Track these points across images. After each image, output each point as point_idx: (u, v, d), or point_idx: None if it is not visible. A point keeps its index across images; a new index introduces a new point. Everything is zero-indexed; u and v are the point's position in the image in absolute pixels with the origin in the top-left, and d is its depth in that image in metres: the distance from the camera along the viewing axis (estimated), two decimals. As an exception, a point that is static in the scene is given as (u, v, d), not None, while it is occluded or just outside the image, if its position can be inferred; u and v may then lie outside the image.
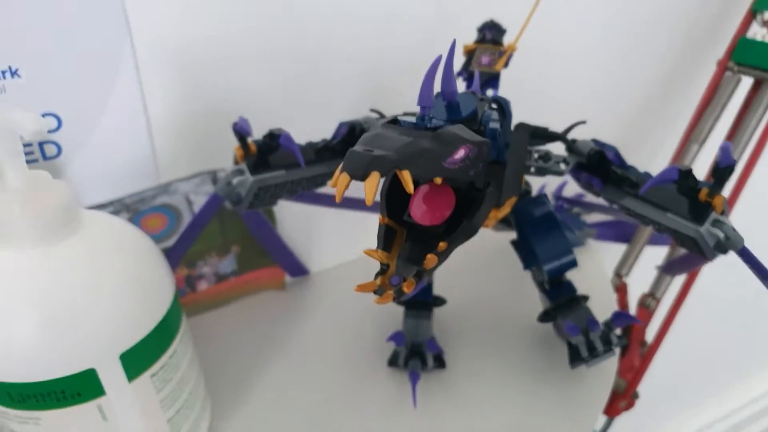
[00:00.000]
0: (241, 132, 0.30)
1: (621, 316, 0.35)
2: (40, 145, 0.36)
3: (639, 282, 0.53)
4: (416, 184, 0.22)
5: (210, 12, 0.36)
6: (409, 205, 0.24)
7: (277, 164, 0.33)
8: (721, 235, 0.28)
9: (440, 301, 0.41)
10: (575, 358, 0.36)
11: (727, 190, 0.49)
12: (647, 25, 0.53)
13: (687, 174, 0.28)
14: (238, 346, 0.43)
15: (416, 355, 0.39)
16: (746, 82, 0.50)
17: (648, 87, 0.57)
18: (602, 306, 0.44)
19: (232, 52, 0.38)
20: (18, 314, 0.26)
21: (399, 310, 0.40)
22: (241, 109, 0.40)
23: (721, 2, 0.55)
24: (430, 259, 0.22)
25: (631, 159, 0.41)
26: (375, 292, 0.23)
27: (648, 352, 0.52)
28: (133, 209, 0.40)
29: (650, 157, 0.61)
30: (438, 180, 0.21)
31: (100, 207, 0.38)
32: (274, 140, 0.31)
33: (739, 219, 0.50)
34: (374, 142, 0.20)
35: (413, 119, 0.22)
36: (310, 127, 0.38)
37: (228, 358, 0.42)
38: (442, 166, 0.20)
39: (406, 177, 0.19)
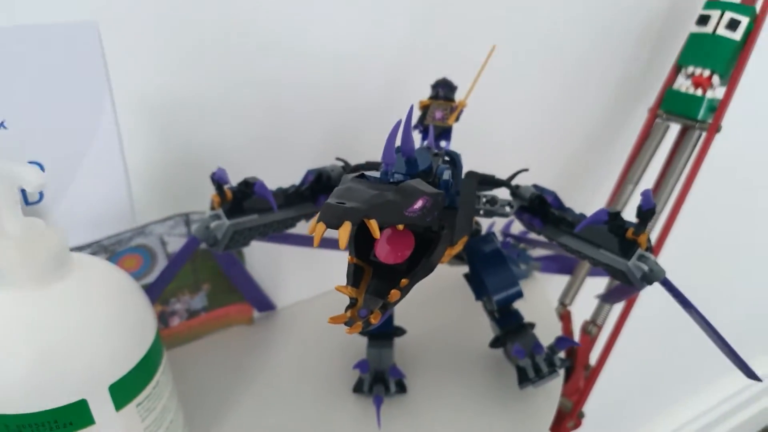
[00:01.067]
0: (219, 181, 0.34)
1: (563, 340, 0.39)
2: (23, 191, 0.38)
3: (581, 310, 0.58)
4: (381, 229, 0.26)
5: (185, 66, 0.39)
6: (374, 247, 0.27)
7: (250, 209, 0.36)
8: (646, 268, 0.32)
9: (400, 332, 0.44)
10: (523, 379, 0.40)
11: (658, 226, 0.54)
12: (583, 76, 0.58)
13: (615, 215, 0.33)
14: (210, 378, 0.45)
15: (379, 381, 0.42)
16: (674, 129, 0.55)
17: (585, 133, 0.63)
18: (547, 332, 0.49)
19: (205, 104, 0.41)
20: (15, 350, 0.28)
21: (361, 341, 0.44)
22: (214, 157, 0.43)
23: (651, 55, 0.61)
24: (394, 294, 0.26)
25: (571, 197, 0.46)
26: (346, 324, 0.26)
27: (591, 374, 0.57)
28: (110, 250, 0.42)
29: (590, 196, 0.66)
30: (400, 226, 0.24)
31: (80, 248, 0.41)
32: (249, 188, 0.35)
33: (669, 252, 0.56)
34: (345, 195, 0.23)
35: (377, 174, 0.26)
36: (278, 173, 0.41)
37: (201, 390, 0.44)
38: (403, 215, 0.24)
39: (373, 225, 0.23)
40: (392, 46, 0.46)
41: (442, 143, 0.39)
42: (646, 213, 0.31)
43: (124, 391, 0.31)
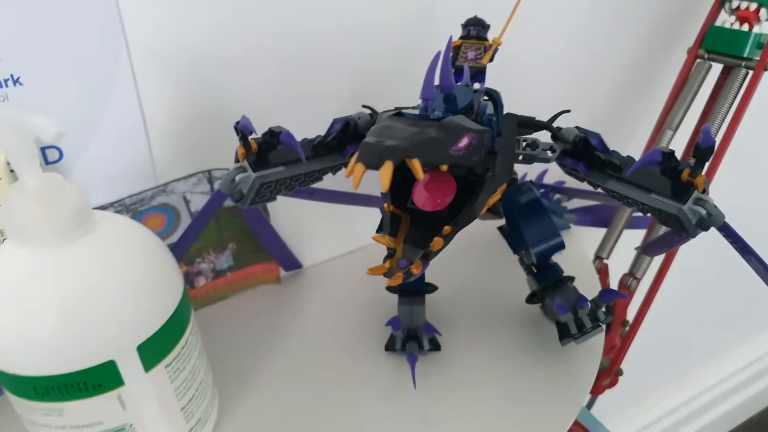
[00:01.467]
0: (243, 130, 0.32)
1: (608, 292, 0.37)
2: (42, 150, 0.37)
3: (618, 264, 0.56)
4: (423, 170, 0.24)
5: (201, 17, 0.37)
6: (411, 193, 0.25)
7: (276, 161, 0.34)
8: (704, 212, 0.30)
9: (432, 288, 0.43)
10: (565, 335, 0.38)
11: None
12: (617, 14, 0.55)
13: (670, 156, 0.30)
14: (238, 339, 0.44)
15: (412, 338, 0.40)
16: (716, 69, 0.52)
17: (620, 75, 0.60)
18: (586, 287, 0.47)
19: (224, 55, 0.39)
20: (40, 311, 0.27)
21: (391, 299, 0.42)
22: (235, 110, 0.41)
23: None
24: (437, 242, 0.24)
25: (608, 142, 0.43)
26: (385, 275, 0.25)
27: (630, 330, 0.55)
28: (132, 209, 0.41)
29: (625, 142, 0.63)
30: (443, 167, 0.22)
31: (102, 208, 0.39)
32: (275, 138, 0.33)
33: (720, 186, 0.53)
34: (384, 133, 0.21)
35: (416, 111, 0.24)
36: (302, 124, 0.39)
37: (229, 351, 0.43)
38: (448, 154, 0.22)
39: (416, 165, 0.21)
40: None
41: (476, 85, 0.37)
42: (705, 151, 0.29)
43: (152, 352, 0.30)
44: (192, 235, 0.39)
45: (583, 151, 0.34)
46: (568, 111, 0.35)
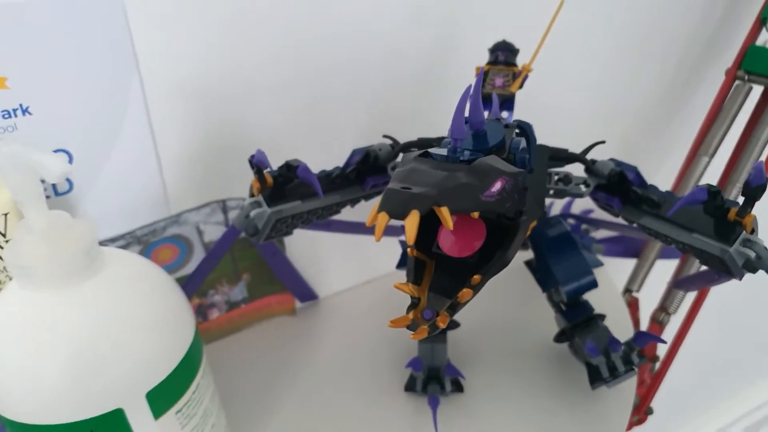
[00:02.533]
0: (258, 165, 0.30)
1: (643, 335, 0.35)
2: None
3: (649, 296, 0.54)
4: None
5: (214, 46, 0.36)
6: (438, 237, 0.24)
7: (293, 195, 0.33)
8: (753, 254, 0.28)
9: (454, 324, 0.41)
10: (596, 378, 0.36)
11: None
12: (651, 34, 0.53)
13: (716, 194, 0.28)
14: (253, 374, 0.42)
15: (434, 379, 0.38)
16: (757, 91, 0.50)
17: (652, 99, 0.57)
18: (615, 324, 0.45)
19: (239, 85, 0.38)
20: (45, 356, 0.26)
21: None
22: (250, 139, 0.40)
23: (726, 10, 0.56)
24: (465, 293, 0.22)
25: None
26: (408, 327, 0.23)
27: (661, 368, 0.53)
28: (144, 241, 0.39)
29: (656, 169, 0.61)
30: (475, 214, 0.21)
31: (113, 240, 0.38)
32: (291, 172, 0.31)
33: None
34: (410, 178, 0.20)
35: (443, 151, 0.22)
36: (320, 155, 0.38)
37: (242, 388, 0.41)
38: (479, 200, 0.21)
39: (445, 213, 0.19)
40: (439, 5, 0.41)
41: (504, 113, 0.35)
42: (756, 190, 0.27)
43: (162, 398, 0.29)
44: (205, 270, 0.37)
45: (619, 186, 0.32)
46: (603, 142, 0.33)
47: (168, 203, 0.41)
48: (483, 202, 0.21)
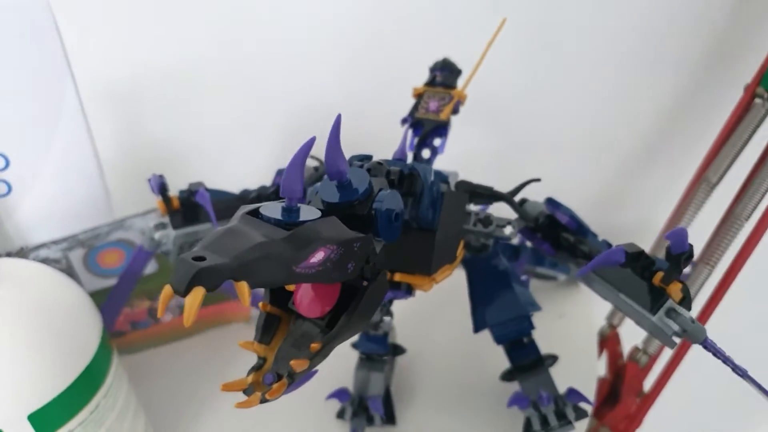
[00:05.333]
0: (154, 190, 0.29)
1: (575, 393, 0.32)
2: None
3: (630, 331, 0.49)
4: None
5: (148, 49, 0.35)
6: (294, 292, 0.22)
7: (205, 216, 0.31)
8: (676, 327, 0.25)
9: (399, 350, 0.39)
10: (528, 429, 0.33)
11: (743, 237, 0.44)
12: (657, 49, 0.48)
13: (636, 256, 0.25)
14: (198, 379, 0.42)
15: (363, 410, 0.37)
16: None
17: (655, 119, 0.52)
18: (584, 362, 0.41)
19: (176, 92, 0.37)
20: None
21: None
22: (191, 145, 0.39)
23: (750, 20, 0.49)
24: (298, 363, 0.20)
25: (633, 197, 0.37)
26: (244, 392, 0.21)
27: (643, 402, 0.49)
28: (88, 245, 0.39)
29: (659, 195, 0.55)
30: (291, 286, 0.19)
31: (55, 243, 0.38)
32: (193, 196, 0.30)
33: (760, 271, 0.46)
34: (216, 243, 0.18)
35: (278, 210, 0.20)
36: (261, 158, 0.36)
37: (185, 391, 0.41)
38: (292, 272, 0.18)
39: (242, 289, 0.17)
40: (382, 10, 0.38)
41: (437, 141, 0.32)
42: (677, 257, 0.24)
43: (49, 420, 0.28)
44: (124, 291, 0.36)
45: (549, 230, 0.29)
46: (538, 180, 0.30)
47: (111, 208, 0.40)
48: (297, 274, 0.18)
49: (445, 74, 0.33)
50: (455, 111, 0.32)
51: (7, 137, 0.35)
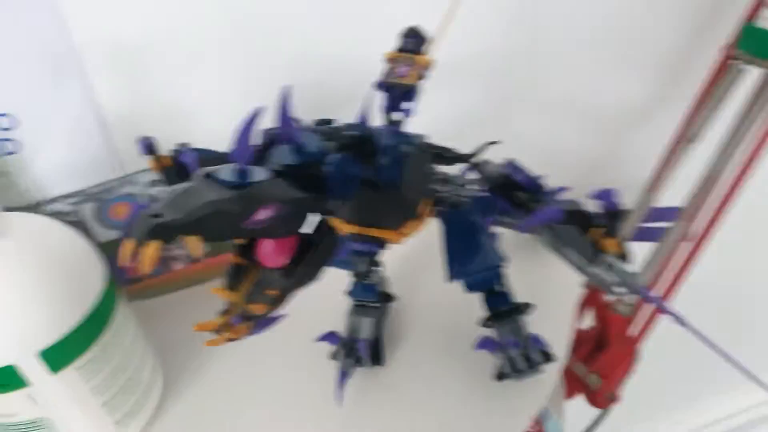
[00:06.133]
0: (144, 151, 0.31)
1: (536, 340, 0.34)
2: (1, 141, 0.39)
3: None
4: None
5: (148, 3, 0.36)
6: (257, 243, 0.24)
7: None
8: (615, 278, 0.26)
9: (390, 298, 0.41)
10: (500, 371, 0.35)
11: (721, 190, 0.44)
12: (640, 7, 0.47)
13: (574, 214, 0.26)
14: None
15: (351, 353, 0.39)
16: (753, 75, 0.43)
17: (639, 77, 0.52)
18: (565, 308, 0.43)
19: (182, 44, 0.38)
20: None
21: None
22: (197, 99, 0.40)
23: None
24: (257, 307, 0.23)
25: (620, 156, 0.37)
26: (216, 332, 0.23)
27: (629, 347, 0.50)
28: (98, 198, 0.42)
29: (643, 155, 0.55)
30: (239, 240, 0.21)
31: (66, 197, 0.41)
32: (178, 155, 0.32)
33: (737, 223, 0.46)
34: (173, 202, 0.20)
35: (230, 172, 0.21)
36: (267, 120, 0.38)
37: (193, 338, 0.44)
38: (239, 228, 0.20)
39: (193, 243, 0.19)
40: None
41: (405, 105, 0.33)
42: (614, 215, 0.25)
43: (59, 356, 0.31)
44: None
45: (504, 189, 0.30)
46: (498, 142, 0.31)
47: (122, 165, 0.43)
48: (245, 229, 0.21)
49: (412, 41, 0.34)
50: (421, 77, 0.33)
51: (12, 98, 0.38)
